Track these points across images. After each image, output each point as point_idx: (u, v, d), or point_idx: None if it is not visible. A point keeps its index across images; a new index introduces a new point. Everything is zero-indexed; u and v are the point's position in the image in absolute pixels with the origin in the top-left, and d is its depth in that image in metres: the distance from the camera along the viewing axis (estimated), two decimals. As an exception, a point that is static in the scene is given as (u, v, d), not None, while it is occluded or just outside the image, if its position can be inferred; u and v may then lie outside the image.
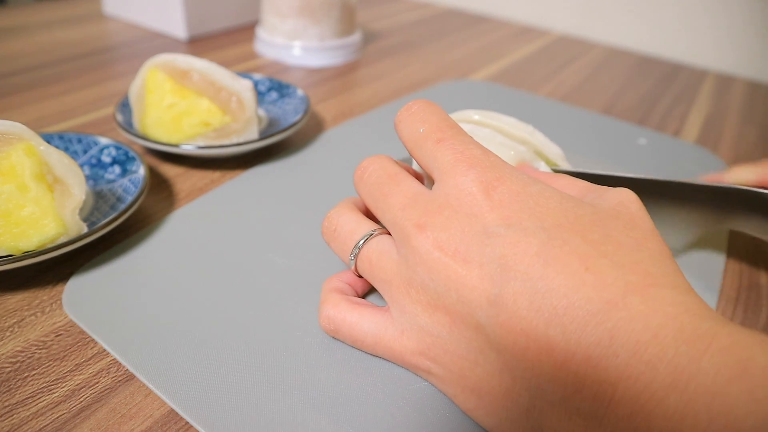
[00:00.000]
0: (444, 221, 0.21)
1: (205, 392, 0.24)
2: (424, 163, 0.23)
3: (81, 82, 0.55)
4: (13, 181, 0.28)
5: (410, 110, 0.25)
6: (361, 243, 0.24)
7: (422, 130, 0.24)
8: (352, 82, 0.60)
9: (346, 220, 0.25)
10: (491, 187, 0.21)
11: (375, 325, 0.24)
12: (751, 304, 0.32)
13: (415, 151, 0.24)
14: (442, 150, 0.22)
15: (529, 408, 0.20)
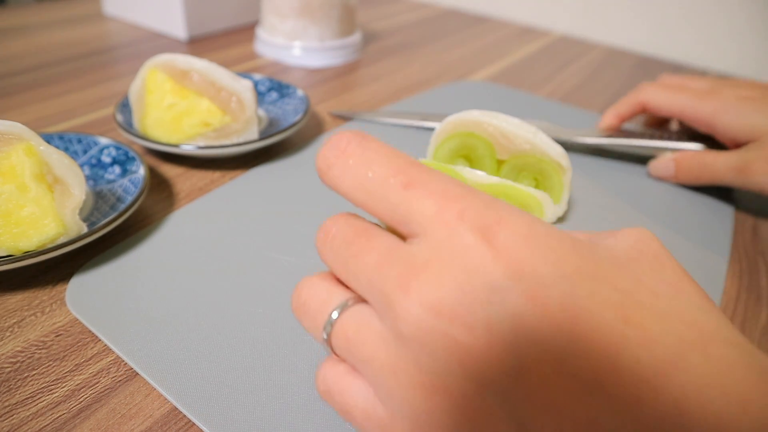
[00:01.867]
0: (434, 278, 0.16)
1: (208, 390, 0.24)
2: (389, 217, 0.18)
3: (81, 82, 0.55)
4: (13, 181, 0.28)
5: (340, 149, 0.19)
6: (335, 315, 0.19)
7: (372, 174, 0.18)
8: (352, 82, 0.60)
9: (317, 291, 0.20)
10: (491, 232, 0.17)
11: (365, 399, 0.19)
12: (751, 304, 0.32)
13: (369, 202, 0.19)
14: (417, 197, 0.18)
15: None
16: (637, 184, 0.43)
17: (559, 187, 0.35)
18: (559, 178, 0.35)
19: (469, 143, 0.36)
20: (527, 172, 0.35)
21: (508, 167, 0.35)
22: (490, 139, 0.35)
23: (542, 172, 0.35)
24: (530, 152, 0.35)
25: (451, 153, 0.37)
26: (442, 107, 0.54)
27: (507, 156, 0.35)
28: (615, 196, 0.41)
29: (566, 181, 0.35)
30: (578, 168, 0.45)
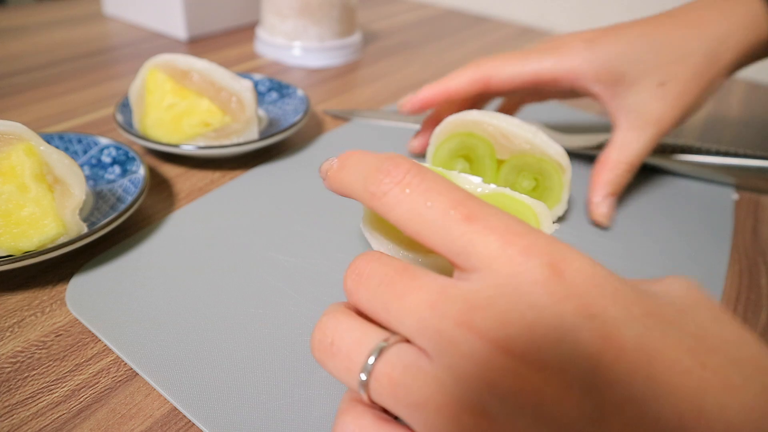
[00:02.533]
0: (501, 315, 0.16)
1: (207, 390, 0.24)
2: (446, 249, 0.18)
3: (81, 82, 0.55)
4: (13, 181, 0.28)
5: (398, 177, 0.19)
6: (373, 358, 0.17)
7: (431, 204, 0.18)
8: (352, 82, 0.60)
9: (347, 329, 0.18)
10: (558, 270, 0.16)
11: None
12: (751, 304, 0.32)
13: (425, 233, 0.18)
14: (478, 231, 0.17)
15: None
16: (636, 185, 0.43)
17: (559, 187, 0.35)
18: (559, 177, 0.35)
19: (468, 143, 0.36)
20: (527, 172, 0.35)
21: (509, 167, 0.35)
22: (490, 139, 0.35)
23: (542, 171, 0.35)
24: (530, 152, 0.35)
25: (451, 153, 0.37)
26: (442, 107, 0.54)
27: (507, 156, 0.35)
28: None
29: (566, 180, 0.35)
30: (578, 168, 0.45)
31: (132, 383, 0.25)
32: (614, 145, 0.37)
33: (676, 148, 0.43)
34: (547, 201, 0.36)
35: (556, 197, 0.35)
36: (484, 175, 0.36)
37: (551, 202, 0.36)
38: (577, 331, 0.15)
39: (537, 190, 0.36)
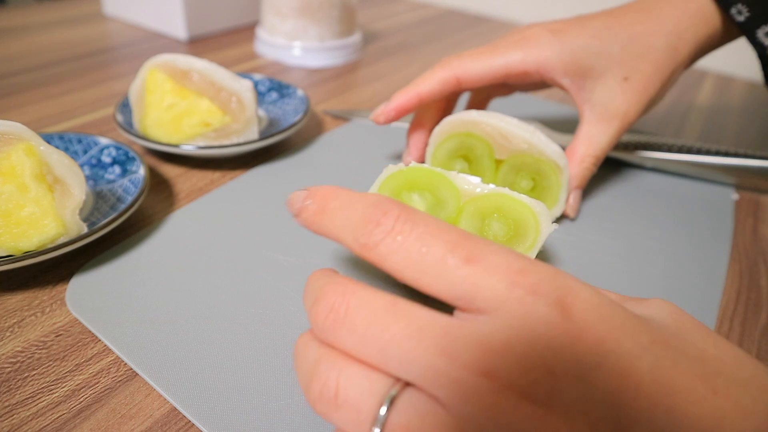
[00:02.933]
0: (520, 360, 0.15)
1: (207, 390, 0.24)
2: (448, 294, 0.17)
3: (81, 82, 0.55)
4: (13, 182, 0.28)
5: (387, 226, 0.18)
6: (384, 409, 0.16)
7: (426, 251, 0.17)
8: (352, 82, 0.60)
9: (350, 378, 0.17)
10: (567, 307, 0.16)
11: None
12: (751, 304, 0.32)
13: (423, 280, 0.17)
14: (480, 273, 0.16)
15: None
16: (636, 185, 0.43)
17: (557, 187, 0.35)
18: (556, 177, 0.35)
19: (467, 143, 0.36)
20: (525, 172, 0.35)
21: (507, 167, 0.35)
22: (488, 138, 0.35)
23: (540, 171, 0.35)
24: (528, 152, 0.35)
25: (450, 153, 0.37)
26: (442, 107, 0.54)
27: (505, 156, 0.35)
28: (614, 197, 0.41)
29: (564, 181, 0.35)
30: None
31: (132, 383, 0.25)
32: (581, 139, 0.38)
33: (676, 148, 0.43)
34: (545, 201, 0.36)
35: (554, 197, 0.35)
36: (483, 175, 0.36)
37: (549, 202, 0.36)
38: (595, 369, 0.15)
39: (535, 191, 0.36)
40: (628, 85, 0.36)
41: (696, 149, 0.43)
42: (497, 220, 0.29)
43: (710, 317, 0.31)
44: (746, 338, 0.30)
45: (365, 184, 0.32)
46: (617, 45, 0.36)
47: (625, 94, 0.36)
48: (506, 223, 0.29)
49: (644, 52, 0.36)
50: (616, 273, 0.33)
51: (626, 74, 0.36)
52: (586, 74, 0.37)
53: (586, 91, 0.37)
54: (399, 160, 0.37)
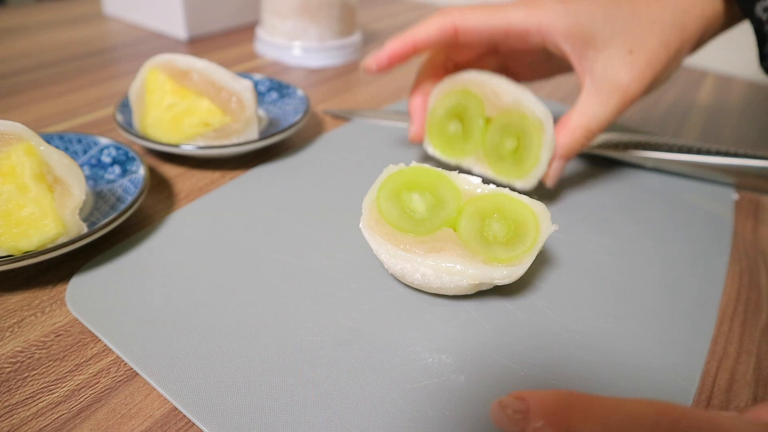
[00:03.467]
0: None
1: (207, 389, 0.24)
2: None
3: (81, 82, 0.55)
4: (13, 182, 0.28)
5: None
6: None
7: None
8: (352, 82, 0.60)
9: None
10: None
11: None
12: (751, 304, 0.32)
13: None
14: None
15: None
16: (636, 185, 0.43)
17: (538, 146, 0.35)
18: (538, 136, 0.35)
19: (463, 102, 0.38)
20: (510, 131, 0.36)
21: (494, 127, 0.37)
22: (482, 95, 0.37)
23: (524, 130, 0.36)
24: (514, 108, 0.36)
25: (447, 113, 0.39)
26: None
27: (495, 113, 0.37)
28: (614, 197, 0.41)
29: (545, 139, 0.35)
30: (577, 169, 0.45)
31: (132, 383, 0.25)
32: (577, 109, 0.36)
33: (676, 148, 0.43)
34: (527, 161, 0.36)
35: (535, 157, 0.36)
36: (473, 136, 0.38)
37: (530, 162, 0.36)
38: None
39: (518, 151, 0.36)
40: (632, 58, 0.35)
41: (696, 149, 0.43)
42: (497, 220, 0.29)
43: (710, 317, 0.31)
44: (746, 338, 0.30)
45: (365, 184, 0.32)
46: (623, 17, 0.35)
47: (627, 67, 0.35)
48: (506, 224, 0.29)
49: (650, 26, 0.35)
50: (616, 273, 0.33)
51: (631, 47, 0.35)
52: (589, 42, 0.35)
53: (588, 60, 0.36)
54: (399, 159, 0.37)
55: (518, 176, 0.37)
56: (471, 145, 0.38)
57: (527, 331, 0.29)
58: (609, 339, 0.29)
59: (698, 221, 0.39)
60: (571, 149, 0.36)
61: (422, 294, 0.30)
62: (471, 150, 0.38)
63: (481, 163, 0.38)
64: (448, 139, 0.39)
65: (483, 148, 0.38)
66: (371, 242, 0.29)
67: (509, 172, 0.37)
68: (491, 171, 0.38)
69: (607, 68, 0.35)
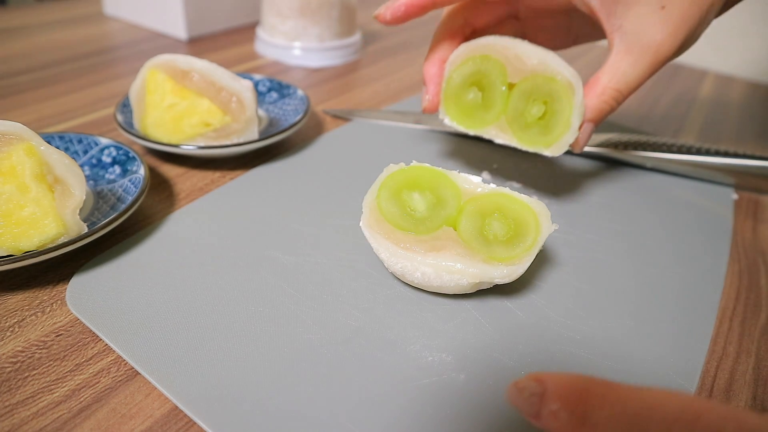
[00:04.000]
0: None
1: (208, 388, 0.24)
2: None
3: (81, 82, 0.55)
4: (14, 182, 0.28)
5: None
6: None
7: None
8: (352, 82, 0.60)
9: None
10: None
11: None
12: (750, 304, 0.32)
13: None
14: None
15: None
16: (636, 185, 0.43)
17: (569, 110, 0.33)
18: (569, 99, 0.33)
19: (482, 68, 0.35)
20: (536, 96, 0.34)
21: (517, 93, 0.34)
22: (504, 60, 0.34)
23: (551, 93, 0.33)
24: (541, 72, 0.33)
25: (464, 80, 0.36)
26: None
27: (518, 78, 0.34)
28: (614, 197, 0.41)
29: (576, 102, 0.33)
30: (578, 169, 0.45)
31: (132, 383, 0.25)
32: (606, 69, 0.34)
33: (676, 148, 0.43)
34: (556, 127, 0.34)
35: (566, 121, 0.33)
36: (495, 103, 0.35)
37: (561, 127, 0.34)
38: None
39: (546, 117, 0.34)
40: (664, 14, 0.32)
41: (696, 149, 0.43)
42: (497, 219, 0.29)
43: (710, 317, 0.31)
44: (746, 338, 0.30)
45: (365, 183, 0.32)
46: None
47: (660, 24, 0.33)
48: (506, 223, 0.29)
49: None
50: (616, 272, 0.33)
51: (662, 2, 0.32)
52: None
53: (616, 17, 0.33)
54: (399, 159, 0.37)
55: (546, 144, 0.34)
56: (492, 114, 0.35)
57: (527, 330, 0.29)
58: (608, 338, 0.29)
59: (698, 221, 0.39)
60: (602, 112, 0.34)
61: (422, 293, 0.30)
62: (492, 119, 0.35)
63: (504, 132, 0.35)
64: (466, 108, 0.36)
65: (506, 116, 0.35)
66: (371, 241, 0.30)
67: (536, 140, 0.34)
68: (516, 140, 0.35)
69: (638, 25, 0.33)
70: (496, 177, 0.43)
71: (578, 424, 0.17)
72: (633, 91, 0.34)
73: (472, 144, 0.47)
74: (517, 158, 0.45)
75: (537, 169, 0.44)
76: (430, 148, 0.46)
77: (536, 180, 0.43)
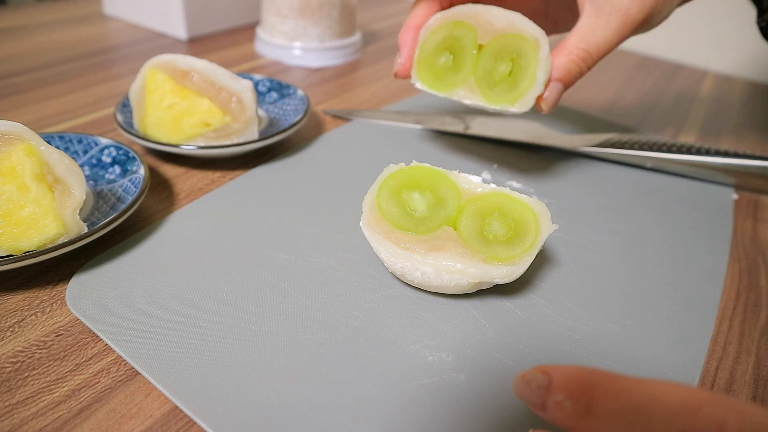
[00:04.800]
0: None
1: (208, 388, 0.24)
2: None
3: (81, 82, 0.55)
4: (14, 182, 0.28)
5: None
6: None
7: None
8: (352, 82, 0.60)
9: None
10: None
11: None
12: (750, 304, 0.32)
13: None
14: None
15: None
16: (636, 185, 0.43)
17: (534, 64, 0.34)
18: (534, 53, 0.34)
19: (455, 33, 0.36)
20: (504, 54, 0.35)
21: (486, 54, 0.36)
22: (475, 24, 0.36)
23: (519, 50, 0.35)
24: (508, 31, 0.35)
25: (437, 46, 0.37)
26: (440, 107, 0.54)
27: (488, 40, 0.36)
28: (614, 197, 0.41)
29: (542, 57, 0.34)
30: (578, 169, 0.45)
31: (132, 383, 0.25)
32: (575, 31, 0.35)
33: (675, 148, 0.43)
34: (522, 83, 0.35)
35: (531, 76, 0.34)
36: (465, 65, 0.36)
37: (527, 81, 0.35)
38: None
39: (513, 73, 0.35)
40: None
41: (696, 149, 0.43)
42: (497, 219, 0.29)
43: (710, 317, 0.31)
44: (746, 338, 0.30)
45: (365, 183, 0.32)
46: None
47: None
48: (506, 223, 0.29)
49: None
50: (616, 272, 0.33)
51: None
52: None
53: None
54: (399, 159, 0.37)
55: (512, 100, 0.35)
56: (461, 76, 0.37)
57: (527, 329, 0.29)
58: (608, 338, 0.29)
59: (698, 221, 0.39)
60: (570, 72, 0.35)
61: (422, 293, 0.30)
62: (461, 80, 0.37)
63: (472, 92, 0.37)
64: (437, 71, 0.38)
65: (475, 76, 0.36)
66: (371, 241, 0.30)
67: (503, 97, 0.35)
68: (484, 100, 0.36)
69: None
70: (496, 177, 0.43)
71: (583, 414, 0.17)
72: (602, 53, 0.35)
73: (472, 144, 0.47)
74: (517, 158, 0.45)
75: (537, 169, 0.44)
76: (430, 148, 0.46)
77: (536, 180, 0.43)
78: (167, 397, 0.24)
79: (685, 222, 0.39)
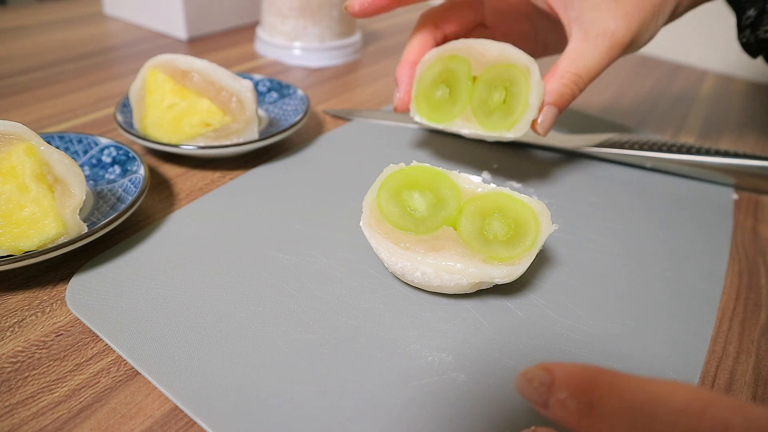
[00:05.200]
0: None
1: (208, 388, 0.24)
2: None
3: (81, 82, 0.55)
4: (14, 182, 0.28)
5: None
6: None
7: None
8: (352, 82, 0.60)
9: None
10: None
11: None
12: (750, 304, 0.32)
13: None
14: None
15: None
16: (636, 185, 0.43)
17: (526, 90, 0.35)
18: (526, 80, 0.35)
19: (450, 67, 0.38)
20: (497, 83, 0.36)
21: (480, 83, 0.37)
22: (468, 57, 0.37)
23: (511, 78, 0.36)
24: (500, 61, 0.36)
25: (434, 79, 0.38)
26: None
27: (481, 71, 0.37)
28: (614, 197, 0.41)
29: (533, 81, 0.35)
30: (578, 169, 0.45)
31: (132, 383, 0.25)
32: (564, 56, 0.36)
33: (675, 148, 0.43)
34: (516, 109, 0.35)
35: (525, 102, 0.35)
36: (461, 97, 0.37)
37: (521, 107, 0.35)
38: None
39: (507, 101, 0.36)
40: (617, 5, 0.35)
41: (696, 149, 0.43)
42: (498, 219, 0.29)
43: (710, 317, 0.31)
44: (746, 338, 0.30)
45: (365, 183, 0.32)
46: None
47: (613, 12, 0.35)
48: (506, 223, 0.29)
49: None
50: (616, 273, 0.33)
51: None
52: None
53: (573, 8, 0.36)
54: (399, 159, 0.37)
55: (508, 126, 0.36)
56: (458, 107, 0.38)
57: (527, 329, 0.29)
58: (608, 338, 0.29)
59: (698, 221, 0.39)
60: (562, 95, 0.36)
61: (422, 293, 0.30)
62: (458, 111, 0.38)
63: (470, 122, 0.37)
64: (434, 104, 0.39)
65: (471, 106, 0.37)
66: (371, 241, 0.30)
67: (499, 124, 0.36)
68: (481, 128, 0.37)
69: (593, 14, 0.35)
70: (496, 177, 0.43)
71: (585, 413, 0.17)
72: (592, 76, 0.36)
73: (472, 144, 0.47)
74: (517, 158, 0.45)
75: (537, 169, 0.44)
76: (430, 148, 0.46)
77: (536, 180, 0.43)
78: (167, 397, 0.24)
79: (685, 222, 0.39)
